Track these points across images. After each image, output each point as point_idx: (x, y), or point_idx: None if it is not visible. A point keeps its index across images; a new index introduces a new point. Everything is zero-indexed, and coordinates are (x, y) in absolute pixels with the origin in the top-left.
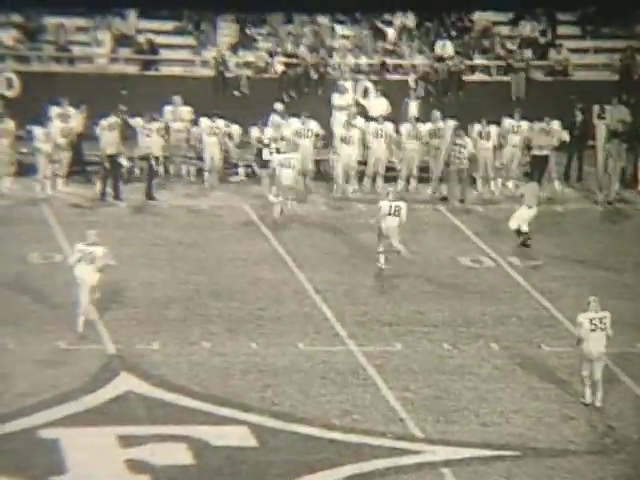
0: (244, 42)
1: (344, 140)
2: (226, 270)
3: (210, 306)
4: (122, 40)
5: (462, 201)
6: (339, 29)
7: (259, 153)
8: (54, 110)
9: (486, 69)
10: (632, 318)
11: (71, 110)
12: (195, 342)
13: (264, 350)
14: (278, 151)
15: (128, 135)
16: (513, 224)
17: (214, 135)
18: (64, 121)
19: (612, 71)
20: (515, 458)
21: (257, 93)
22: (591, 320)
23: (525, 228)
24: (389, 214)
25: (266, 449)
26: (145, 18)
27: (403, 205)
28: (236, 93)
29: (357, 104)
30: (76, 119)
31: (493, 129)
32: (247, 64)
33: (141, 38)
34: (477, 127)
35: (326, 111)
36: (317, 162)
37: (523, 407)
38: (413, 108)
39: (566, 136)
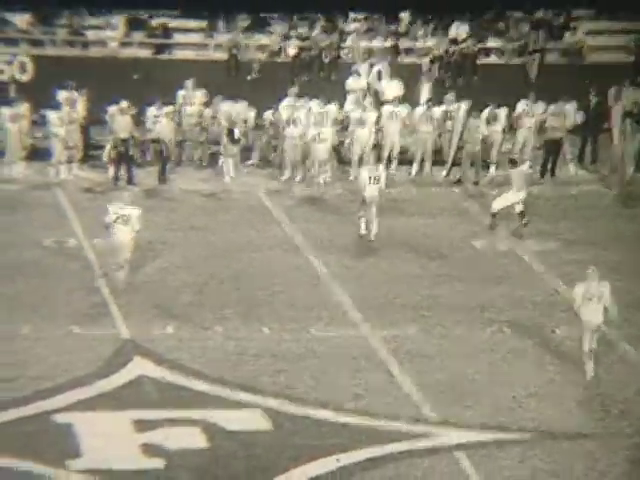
0: (257, 25)
1: (359, 123)
2: (240, 254)
3: (224, 291)
4: (135, 24)
5: (476, 183)
6: (352, 12)
7: (230, 132)
8: (62, 94)
9: (500, 51)
10: None
11: (76, 94)
12: (209, 327)
13: (277, 335)
14: (245, 133)
15: (140, 120)
16: (496, 206)
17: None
18: (71, 105)
19: (627, 53)
20: (529, 441)
21: (270, 76)
22: (586, 290)
23: (520, 208)
24: (369, 183)
25: (280, 433)
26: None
27: (382, 172)
28: (249, 77)
29: (369, 87)
30: (79, 103)
31: (502, 112)
32: (260, 47)
33: (154, 22)
34: (486, 110)
35: (339, 94)
36: (333, 146)
37: (537, 391)
38: (426, 91)
39: (580, 118)
